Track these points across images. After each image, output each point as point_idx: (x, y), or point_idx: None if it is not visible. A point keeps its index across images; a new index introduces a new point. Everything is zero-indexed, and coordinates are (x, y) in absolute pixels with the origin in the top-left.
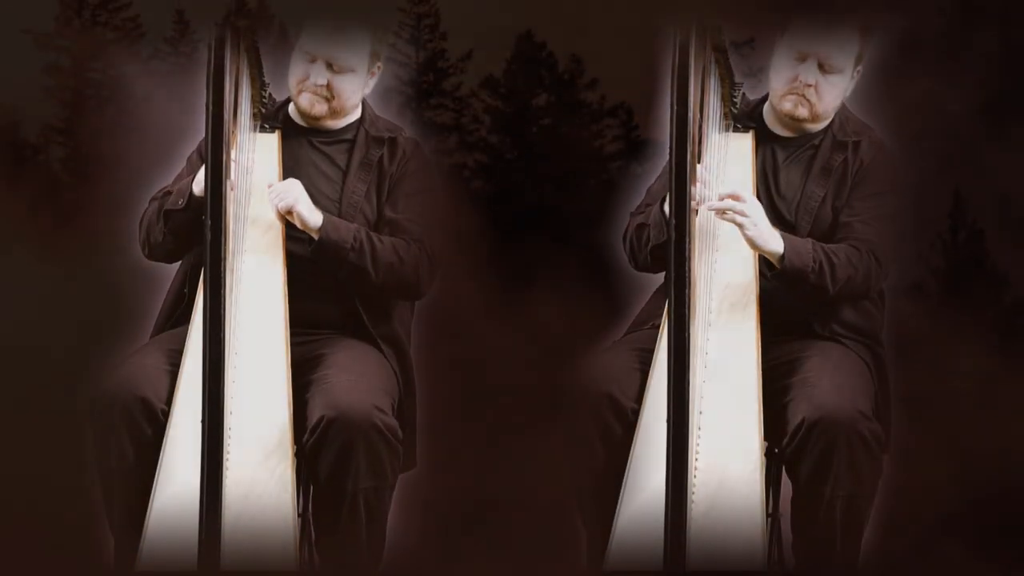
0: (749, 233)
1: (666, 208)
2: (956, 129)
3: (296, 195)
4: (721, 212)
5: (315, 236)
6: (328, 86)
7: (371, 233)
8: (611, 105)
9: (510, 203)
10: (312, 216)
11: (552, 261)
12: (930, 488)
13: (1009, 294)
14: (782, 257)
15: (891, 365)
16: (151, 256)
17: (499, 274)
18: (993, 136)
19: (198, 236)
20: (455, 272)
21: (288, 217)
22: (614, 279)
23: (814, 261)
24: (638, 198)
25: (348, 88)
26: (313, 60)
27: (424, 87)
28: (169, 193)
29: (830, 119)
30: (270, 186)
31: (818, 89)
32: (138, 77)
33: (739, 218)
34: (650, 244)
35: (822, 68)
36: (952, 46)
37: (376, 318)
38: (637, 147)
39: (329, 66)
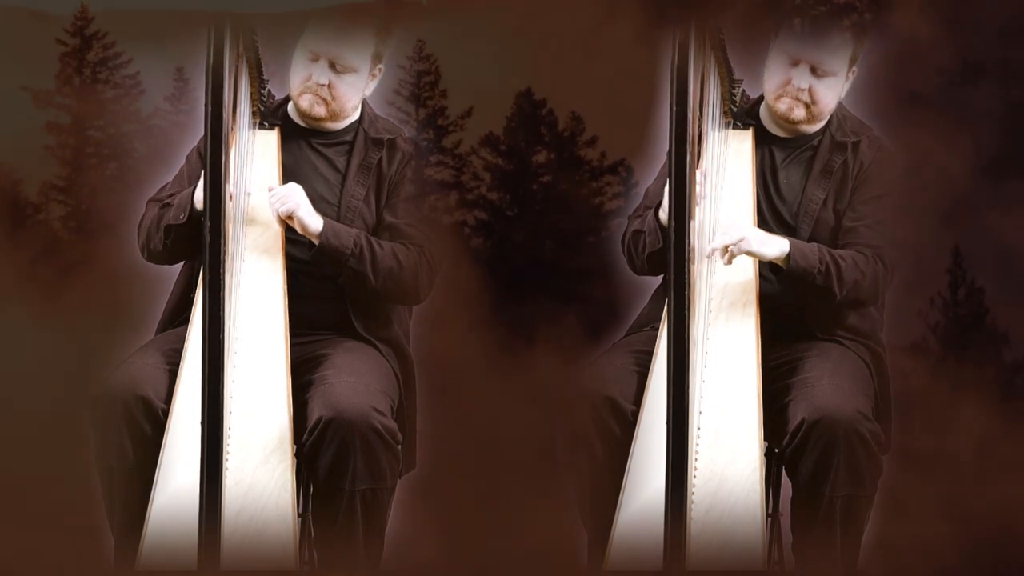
0: (754, 250)
1: (660, 215)
2: (956, 186)
3: (297, 200)
4: (727, 256)
5: (315, 241)
6: (329, 86)
7: (371, 238)
8: (611, 162)
9: (510, 260)
10: (313, 221)
11: (552, 318)
12: (930, 544)
13: (1009, 351)
14: (788, 258)
15: (895, 424)
16: (150, 259)
17: (499, 330)
18: (992, 194)
19: (199, 244)
20: (455, 328)
21: (288, 222)
22: (614, 333)
23: (820, 263)
24: (640, 292)
25: (349, 89)
26: (315, 59)
27: (424, 144)
28: (168, 205)
29: (827, 119)
30: (271, 189)
31: (813, 92)
32: (138, 135)
33: (735, 249)
34: (646, 251)
35: (815, 72)
36: (952, 104)
37: (375, 320)
38: (636, 203)
39: (332, 66)
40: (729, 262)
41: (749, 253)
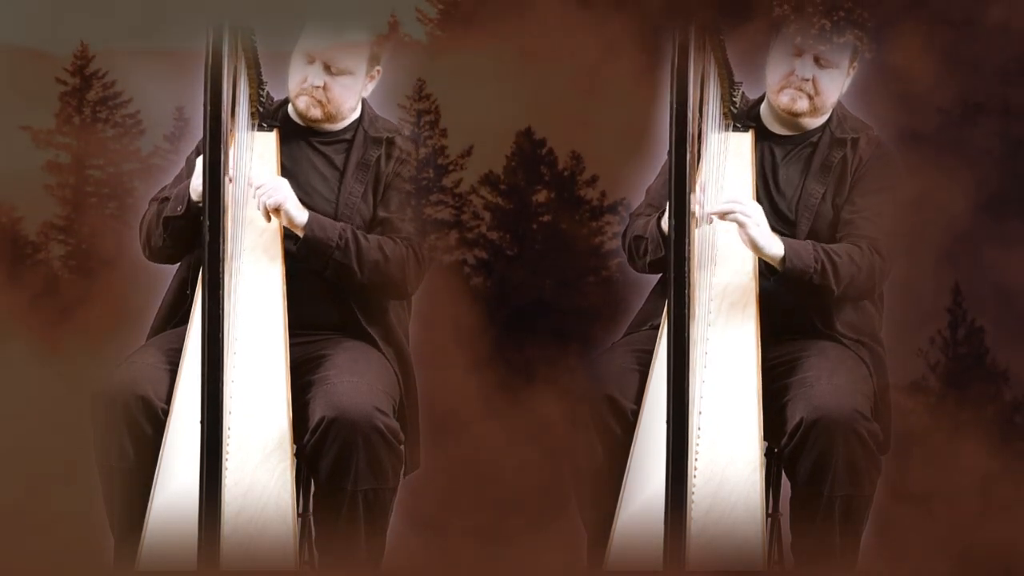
0: (752, 233)
1: (663, 224)
2: (956, 226)
3: (284, 194)
4: (723, 214)
5: (300, 234)
6: (325, 88)
7: (357, 231)
8: (611, 202)
9: (510, 300)
10: (299, 214)
11: (552, 357)
12: None
13: (1009, 390)
14: (783, 260)
15: (892, 456)
16: (151, 258)
17: (499, 369)
18: (992, 232)
19: (198, 239)
20: (455, 367)
21: (274, 215)
22: None
23: (816, 261)
24: (638, 295)
25: (344, 92)
26: (312, 61)
27: (424, 183)
28: (167, 199)
29: (828, 115)
30: (259, 187)
31: (816, 83)
32: (139, 174)
33: (741, 217)
34: (648, 258)
35: (818, 62)
36: (952, 144)
37: (374, 318)
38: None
39: (327, 68)
40: (721, 217)
41: (747, 235)
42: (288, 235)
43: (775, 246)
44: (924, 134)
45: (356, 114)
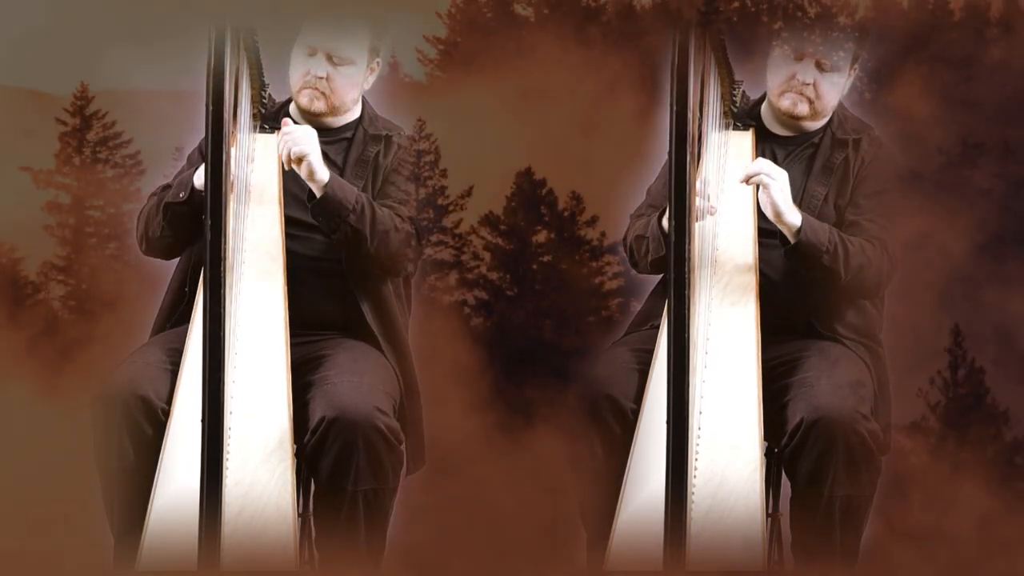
0: (775, 196)
1: (664, 223)
2: (955, 266)
3: (312, 144)
4: (748, 177)
5: (318, 192)
6: (327, 78)
7: (371, 199)
8: (611, 242)
9: (510, 339)
10: (321, 170)
11: (551, 397)
12: None
13: (1009, 431)
14: (799, 231)
15: (892, 496)
16: (147, 251)
17: (498, 409)
18: (992, 273)
19: (196, 231)
20: (455, 407)
21: (295, 165)
22: None
23: (829, 242)
24: None
25: (347, 82)
26: (313, 53)
27: (424, 224)
28: (168, 187)
29: (828, 117)
30: (287, 132)
31: (817, 87)
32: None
33: (766, 179)
34: (650, 257)
35: (820, 67)
36: (952, 184)
37: (374, 318)
38: (637, 284)
39: (329, 59)
40: (747, 182)
41: (770, 197)
42: (289, 234)
43: (794, 215)
44: (924, 174)
45: (357, 112)
